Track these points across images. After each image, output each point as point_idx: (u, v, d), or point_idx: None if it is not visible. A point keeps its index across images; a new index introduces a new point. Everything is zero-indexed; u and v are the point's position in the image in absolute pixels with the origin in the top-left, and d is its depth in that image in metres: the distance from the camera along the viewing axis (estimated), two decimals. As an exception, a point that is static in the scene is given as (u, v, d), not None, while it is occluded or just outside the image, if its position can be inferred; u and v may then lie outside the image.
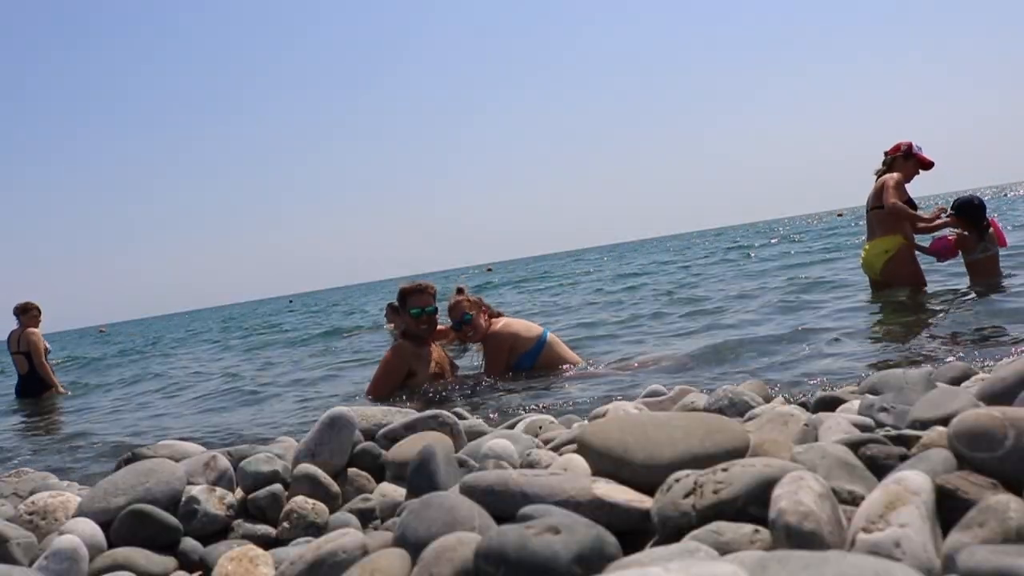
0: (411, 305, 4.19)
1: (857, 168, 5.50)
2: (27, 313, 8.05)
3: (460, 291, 4.46)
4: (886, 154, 5.39)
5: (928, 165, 5.32)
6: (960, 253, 5.23)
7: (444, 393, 4.14)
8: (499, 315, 4.51)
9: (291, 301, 55.90)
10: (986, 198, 5.50)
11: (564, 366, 4.36)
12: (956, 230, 5.17)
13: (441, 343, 4.58)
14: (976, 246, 5.11)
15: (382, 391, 4.16)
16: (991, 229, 5.16)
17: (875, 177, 5.45)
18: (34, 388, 7.94)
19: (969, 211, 5.09)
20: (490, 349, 4.34)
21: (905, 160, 5.29)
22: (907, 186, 5.28)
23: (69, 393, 8.31)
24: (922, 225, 5.19)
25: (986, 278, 5.16)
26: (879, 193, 5.23)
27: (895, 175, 5.20)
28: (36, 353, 7.89)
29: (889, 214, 5.13)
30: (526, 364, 4.33)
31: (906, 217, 5.10)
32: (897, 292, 5.32)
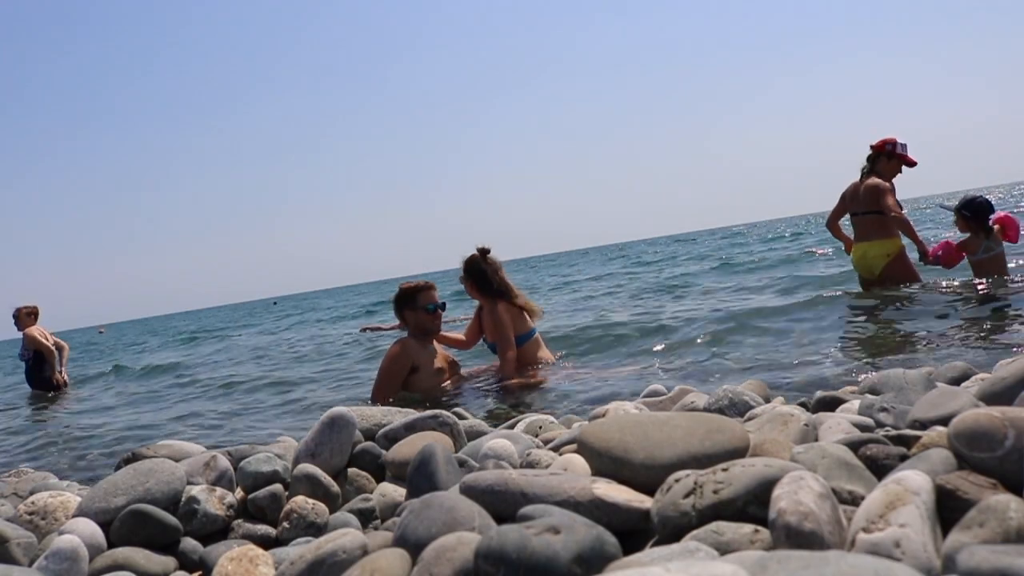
0: (424, 301, 4.20)
1: (857, 169, 5.52)
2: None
3: (484, 252, 4.46)
4: (872, 148, 5.40)
5: (911, 164, 5.34)
6: (965, 255, 5.22)
7: (446, 392, 4.15)
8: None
9: (275, 303, 55.41)
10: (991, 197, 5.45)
11: (542, 365, 4.42)
12: (958, 235, 5.16)
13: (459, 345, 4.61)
14: (979, 247, 5.10)
15: (386, 387, 4.15)
16: (996, 228, 5.13)
17: (861, 174, 5.47)
18: (52, 381, 8.59)
19: (972, 210, 5.08)
20: (499, 318, 4.32)
21: (889, 159, 5.32)
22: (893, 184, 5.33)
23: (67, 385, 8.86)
24: (918, 240, 5.22)
25: (991, 278, 5.15)
26: (874, 198, 5.24)
27: (887, 184, 5.23)
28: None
29: (891, 220, 5.17)
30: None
31: (910, 233, 5.14)
32: (894, 290, 5.34)
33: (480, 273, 4.42)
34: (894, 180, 5.37)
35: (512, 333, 4.33)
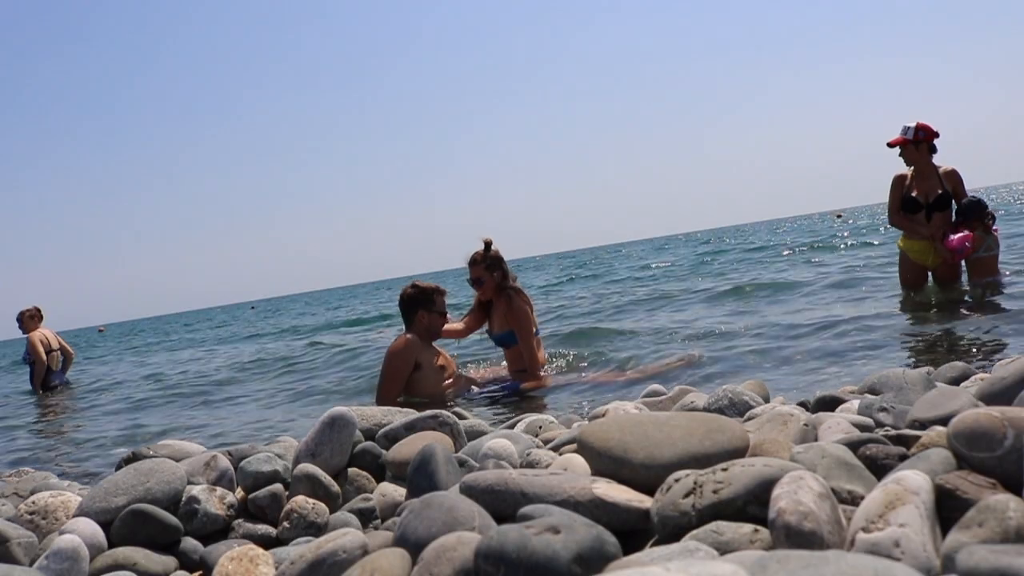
0: (441, 305, 4.22)
1: (857, 169, 5.46)
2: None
3: (491, 243, 4.44)
4: (926, 130, 5.08)
5: (919, 139, 5.12)
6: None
7: (447, 392, 4.15)
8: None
9: (253, 308, 54.50)
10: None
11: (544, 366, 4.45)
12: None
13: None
14: (982, 244, 5.08)
15: (392, 384, 4.11)
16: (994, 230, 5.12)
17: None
18: (54, 380, 8.70)
19: (977, 210, 5.04)
20: (523, 310, 4.33)
21: (916, 148, 5.11)
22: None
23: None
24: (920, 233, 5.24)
25: (985, 277, 5.14)
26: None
27: (895, 179, 5.23)
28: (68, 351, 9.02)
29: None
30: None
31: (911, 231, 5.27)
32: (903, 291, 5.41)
33: (504, 264, 4.42)
34: (934, 157, 5.15)
35: (533, 325, 4.37)
